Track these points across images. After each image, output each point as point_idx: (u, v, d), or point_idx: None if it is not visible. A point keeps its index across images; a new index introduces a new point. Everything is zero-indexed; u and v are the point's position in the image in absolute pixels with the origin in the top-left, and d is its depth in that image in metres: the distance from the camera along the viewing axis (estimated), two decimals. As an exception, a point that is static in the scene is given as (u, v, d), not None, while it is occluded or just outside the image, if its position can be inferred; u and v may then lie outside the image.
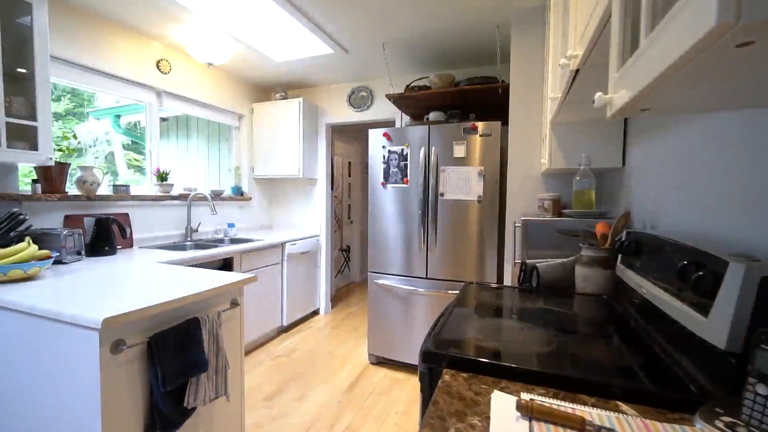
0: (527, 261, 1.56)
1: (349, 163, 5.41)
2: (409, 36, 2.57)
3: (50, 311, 1.14)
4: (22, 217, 1.73)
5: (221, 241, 3.09)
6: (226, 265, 2.61)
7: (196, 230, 2.97)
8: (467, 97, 2.70)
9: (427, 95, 2.69)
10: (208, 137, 3.94)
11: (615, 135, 1.65)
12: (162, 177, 2.77)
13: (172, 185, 2.81)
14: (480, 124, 2.31)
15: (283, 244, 3.16)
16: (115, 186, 2.44)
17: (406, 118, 3.38)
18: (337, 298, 4.41)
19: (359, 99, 3.56)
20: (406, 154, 2.48)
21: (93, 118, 3.79)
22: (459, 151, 2.34)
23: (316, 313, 3.82)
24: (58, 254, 1.80)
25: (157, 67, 2.71)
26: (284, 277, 3.20)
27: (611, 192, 1.78)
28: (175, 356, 1.26)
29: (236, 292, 1.62)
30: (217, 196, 3.23)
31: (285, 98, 3.58)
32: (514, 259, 2.02)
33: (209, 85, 3.18)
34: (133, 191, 2.58)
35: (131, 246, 2.48)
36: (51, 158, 1.80)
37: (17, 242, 1.72)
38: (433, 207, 2.41)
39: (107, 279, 1.54)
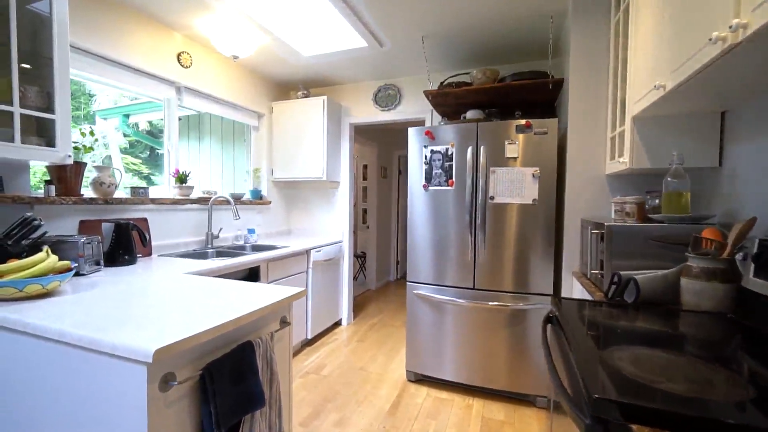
0: (621, 273, 1.36)
1: (365, 165, 5.22)
2: (450, 29, 2.39)
3: (84, 339, 0.93)
4: (36, 222, 1.51)
5: (242, 248, 2.88)
6: (251, 274, 2.39)
7: (217, 236, 2.75)
8: (510, 94, 2.52)
9: (468, 92, 2.51)
10: (221, 138, 3.74)
11: (710, 131, 1.48)
12: (181, 179, 2.56)
13: (192, 188, 2.60)
14: (534, 122, 2.13)
15: (308, 252, 2.95)
16: (133, 188, 2.23)
17: (437, 118, 3.20)
18: (356, 307, 4.19)
19: (386, 97, 3.37)
20: (451, 154, 2.29)
21: (100, 117, 3.58)
22: (511, 150, 2.15)
23: (338, 324, 3.60)
24: (76, 265, 1.58)
25: (178, 60, 2.51)
26: (309, 286, 2.98)
27: (699, 194, 1.59)
28: (230, 390, 1.05)
29: (286, 309, 1.41)
30: (236, 199, 3.02)
31: (307, 96, 3.39)
32: (590, 269, 1.82)
33: (229, 81, 2.98)
34: (152, 194, 2.37)
35: (150, 254, 2.27)
36: (70, 156, 1.59)
37: (30, 251, 1.51)
38: (482, 211, 2.21)
39: (137, 295, 1.33)
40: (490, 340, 2.25)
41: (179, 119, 3.77)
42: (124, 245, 1.94)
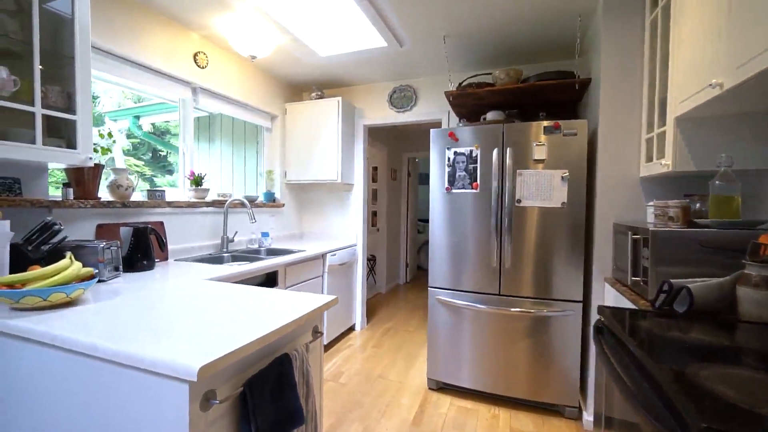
0: (672, 281, 1.30)
1: (375, 167, 5.16)
2: (473, 28, 2.33)
3: (120, 354, 0.87)
4: (57, 227, 1.46)
5: (257, 252, 2.82)
6: (268, 279, 2.33)
7: (233, 240, 2.69)
8: (533, 94, 2.46)
9: (492, 92, 2.45)
10: (232, 140, 3.68)
11: (762, 131, 1.41)
12: (197, 181, 2.50)
13: (207, 190, 2.54)
14: (563, 123, 2.07)
15: (324, 255, 2.89)
16: (149, 191, 2.17)
17: (453, 119, 3.14)
18: (368, 311, 4.12)
19: (402, 99, 3.32)
20: (476, 156, 2.23)
21: (110, 119, 3.53)
22: (539, 152, 2.09)
23: (352, 329, 3.53)
24: (97, 271, 1.52)
25: (194, 60, 2.45)
26: (325, 291, 2.92)
27: (746, 198, 1.53)
28: (270, 407, 0.99)
29: (318, 318, 1.35)
30: (251, 202, 2.96)
31: (321, 97, 3.34)
32: (630, 276, 1.76)
33: (244, 82, 2.93)
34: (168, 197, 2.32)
35: (166, 258, 2.21)
36: (91, 158, 1.54)
37: (50, 257, 1.45)
38: (508, 215, 2.15)
39: (163, 304, 1.27)
40: (516, 348, 2.19)
41: (190, 121, 3.73)
42: (143, 250, 1.88)
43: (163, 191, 2.24)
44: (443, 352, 2.36)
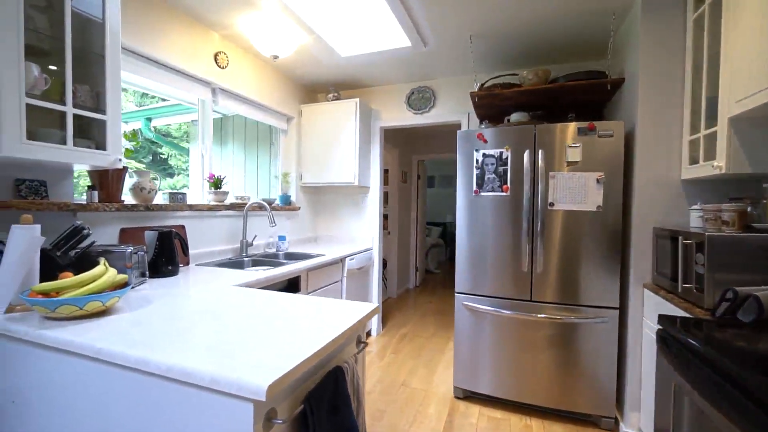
0: (737, 288, 1.24)
1: (386, 170, 5.10)
2: (501, 28, 2.28)
3: (174, 369, 0.80)
4: (86, 232, 1.40)
5: (276, 256, 2.75)
6: (289, 285, 2.27)
7: (251, 244, 2.63)
8: (562, 95, 2.41)
9: (520, 93, 2.40)
10: (244, 142, 3.62)
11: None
12: (216, 184, 2.44)
13: (226, 193, 2.48)
14: (598, 124, 2.01)
15: (343, 260, 2.83)
16: (171, 194, 2.11)
17: (474, 121, 3.09)
18: (382, 316, 4.05)
19: (420, 100, 3.27)
20: (506, 158, 2.17)
21: (122, 121, 3.47)
22: (573, 154, 2.03)
23: (368, 335, 3.46)
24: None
25: (215, 60, 2.40)
26: (344, 296, 2.85)
27: (800, 202, 1.47)
28: (327, 423, 0.92)
29: (362, 328, 1.29)
30: (269, 205, 2.90)
31: (338, 99, 3.29)
32: (681, 283, 1.69)
33: (261, 83, 2.87)
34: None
35: (187, 263, 2.14)
36: (120, 159, 1.48)
37: (77, 262, 1.39)
38: (541, 218, 2.09)
39: (201, 313, 1.20)
40: (547, 355, 2.12)
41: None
42: (168, 255, 1.81)
43: (184, 194, 2.18)
44: (470, 360, 2.29)
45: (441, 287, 5.70)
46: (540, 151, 2.10)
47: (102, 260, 1.22)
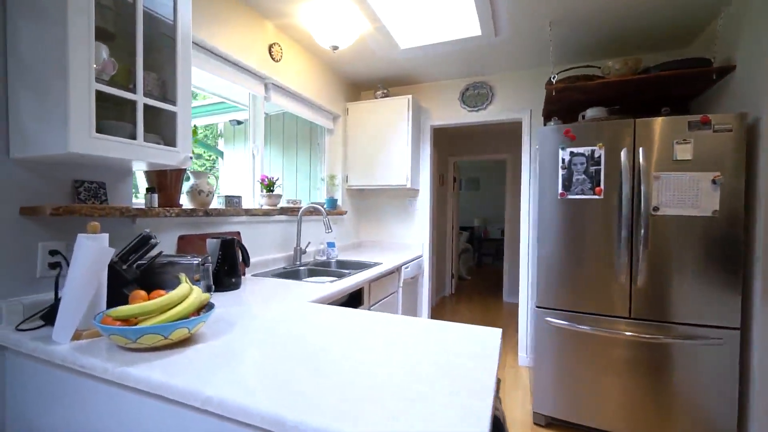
0: None
1: (423, 173, 4.87)
2: (585, 12, 2.05)
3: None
4: (153, 241, 1.20)
5: (327, 265, 2.55)
6: (351, 298, 2.05)
7: (305, 252, 2.43)
8: (650, 87, 2.16)
9: (602, 85, 2.15)
10: (283, 143, 3.45)
11: None
12: (269, 187, 2.25)
13: (280, 196, 2.29)
14: (712, 117, 1.75)
15: (399, 269, 2.61)
16: (227, 198, 1.93)
17: (537, 119, 2.85)
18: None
19: (476, 97, 3.04)
20: (599, 157, 1.93)
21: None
22: (683, 152, 1.78)
23: (418, 348, 3.22)
24: (197, 294, 1.26)
25: (269, 52, 2.22)
26: (399, 310, 2.63)
27: None
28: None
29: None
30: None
31: (386, 96, 3.08)
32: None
33: (312, 79, 2.69)
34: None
35: (244, 273, 1.95)
36: (191, 158, 1.29)
37: (142, 277, 1.20)
38: (643, 225, 1.83)
39: (298, 339, 0.99)
40: (648, 380, 1.86)
41: (238, 123, 3.52)
42: (230, 265, 1.62)
43: (240, 197, 1.99)
44: (554, 384, 2.04)
45: (477, 294, 5.43)
46: (641, 148, 1.85)
47: (182, 276, 1.02)
